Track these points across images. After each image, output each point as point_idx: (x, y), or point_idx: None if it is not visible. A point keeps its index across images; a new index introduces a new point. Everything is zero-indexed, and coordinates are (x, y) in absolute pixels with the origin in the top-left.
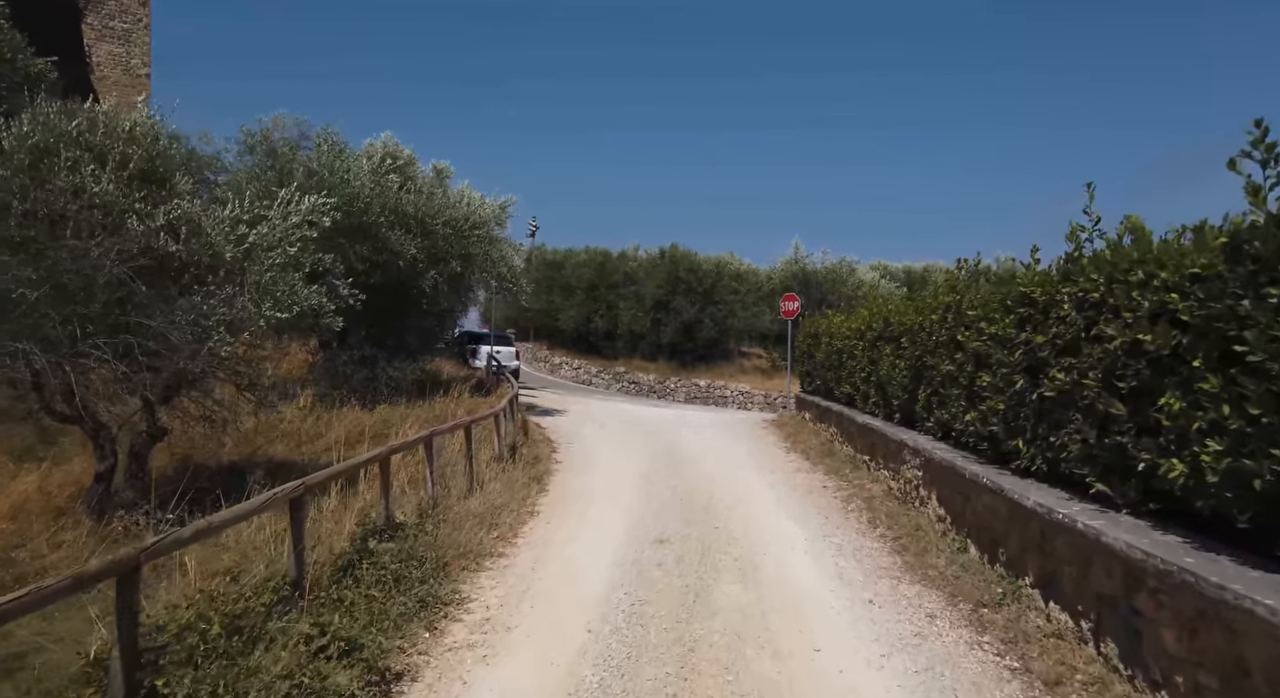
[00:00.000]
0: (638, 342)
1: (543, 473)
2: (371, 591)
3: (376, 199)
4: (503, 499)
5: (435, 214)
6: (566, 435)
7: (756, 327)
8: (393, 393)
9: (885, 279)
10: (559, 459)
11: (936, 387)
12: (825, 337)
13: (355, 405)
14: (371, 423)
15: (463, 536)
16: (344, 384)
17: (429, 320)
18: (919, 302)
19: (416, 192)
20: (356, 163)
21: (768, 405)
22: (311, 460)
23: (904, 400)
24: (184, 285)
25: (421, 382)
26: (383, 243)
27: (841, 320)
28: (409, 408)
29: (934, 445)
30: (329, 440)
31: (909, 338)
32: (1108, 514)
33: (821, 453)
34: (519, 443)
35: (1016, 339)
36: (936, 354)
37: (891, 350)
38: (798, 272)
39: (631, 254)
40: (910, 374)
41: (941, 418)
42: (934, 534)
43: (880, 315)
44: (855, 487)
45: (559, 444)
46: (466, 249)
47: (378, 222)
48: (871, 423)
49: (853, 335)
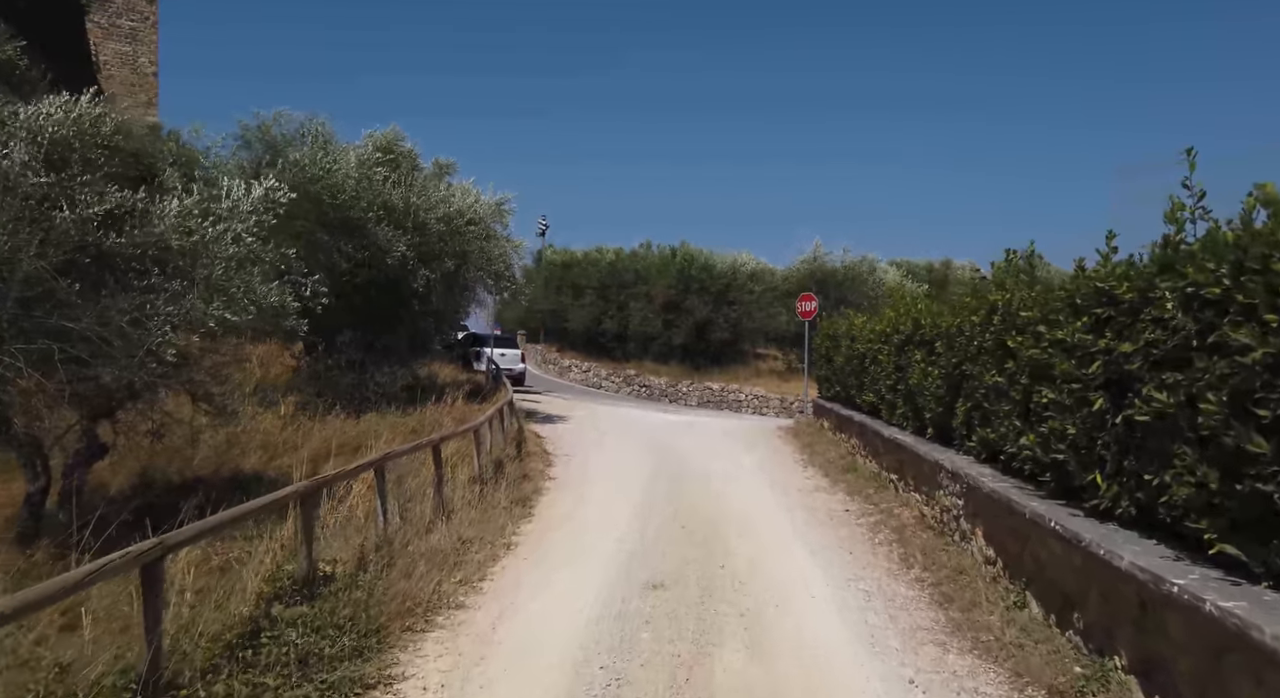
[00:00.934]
0: (649, 343)
1: (531, 493)
2: (265, 678)
3: (364, 193)
4: (475, 530)
5: (428, 209)
6: (566, 447)
7: (772, 328)
8: (382, 400)
9: (907, 277)
10: (553, 475)
11: (979, 400)
12: (845, 339)
13: (342, 413)
14: (355, 433)
15: (413, 583)
16: (329, 391)
17: (424, 322)
18: (955, 301)
19: (408, 186)
20: (343, 155)
21: (784, 410)
22: (283, 474)
23: (938, 414)
24: (126, 282)
25: (413, 388)
26: (370, 239)
27: (863, 322)
28: (398, 416)
29: (978, 470)
30: (306, 452)
31: (944, 343)
32: (1243, 587)
33: (842, 468)
34: (510, 457)
35: (1092, 347)
36: (979, 362)
37: (923, 357)
38: (815, 270)
39: (643, 253)
40: (945, 384)
41: (986, 438)
42: (981, 581)
43: (908, 317)
44: (882, 512)
45: (556, 457)
46: (462, 247)
47: (365, 217)
48: (900, 438)
49: (876, 339)
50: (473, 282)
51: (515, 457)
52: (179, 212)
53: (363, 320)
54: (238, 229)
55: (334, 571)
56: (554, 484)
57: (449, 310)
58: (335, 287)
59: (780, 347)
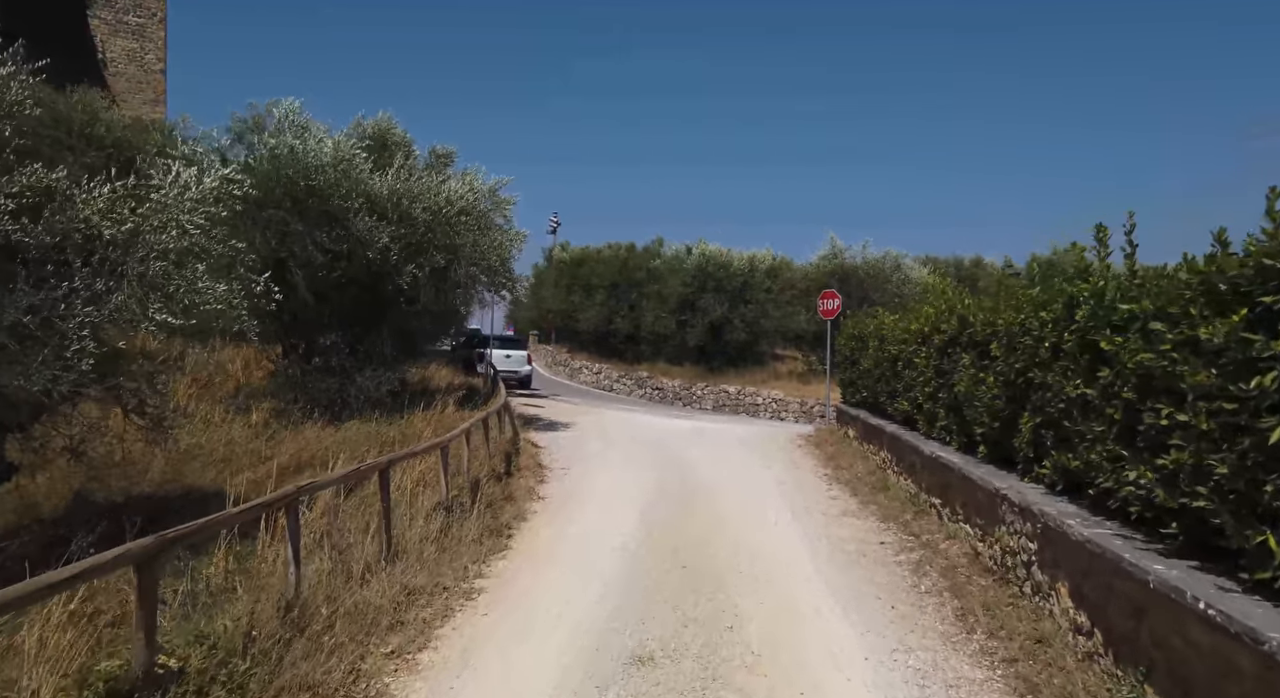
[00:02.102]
0: (662, 344)
1: (512, 519)
2: None
3: (344, 180)
4: (428, 575)
5: (413, 198)
6: (564, 459)
7: (791, 327)
8: (366, 406)
9: (934, 274)
10: (543, 494)
11: (1053, 417)
12: (873, 340)
13: (321, 421)
14: (329, 444)
15: (318, 664)
16: (305, 396)
17: (417, 323)
18: (1018, 294)
19: (394, 173)
20: (319, 141)
21: (804, 414)
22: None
23: (993, 430)
24: (40, 278)
25: (400, 393)
26: (349, 230)
27: (895, 320)
28: (381, 425)
29: (1057, 508)
30: (274, 465)
31: (1001, 344)
32: None
33: (873, 486)
34: (493, 475)
35: (1263, 351)
36: (1053, 369)
37: (972, 361)
38: (836, 268)
39: (656, 250)
40: (1004, 394)
41: (1065, 465)
42: (1072, 657)
43: (952, 314)
44: (925, 546)
45: (551, 471)
46: (452, 239)
47: (344, 206)
48: (943, 456)
49: (912, 339)
50: (466, 278)
51: (502, 474)
52: (109, 197)
53: (344, 320)
54: (181, 219)
55: (188, 663)
56: (542, 507)
57: (446, 310)
58: (313, 284)
59: (800, 347)
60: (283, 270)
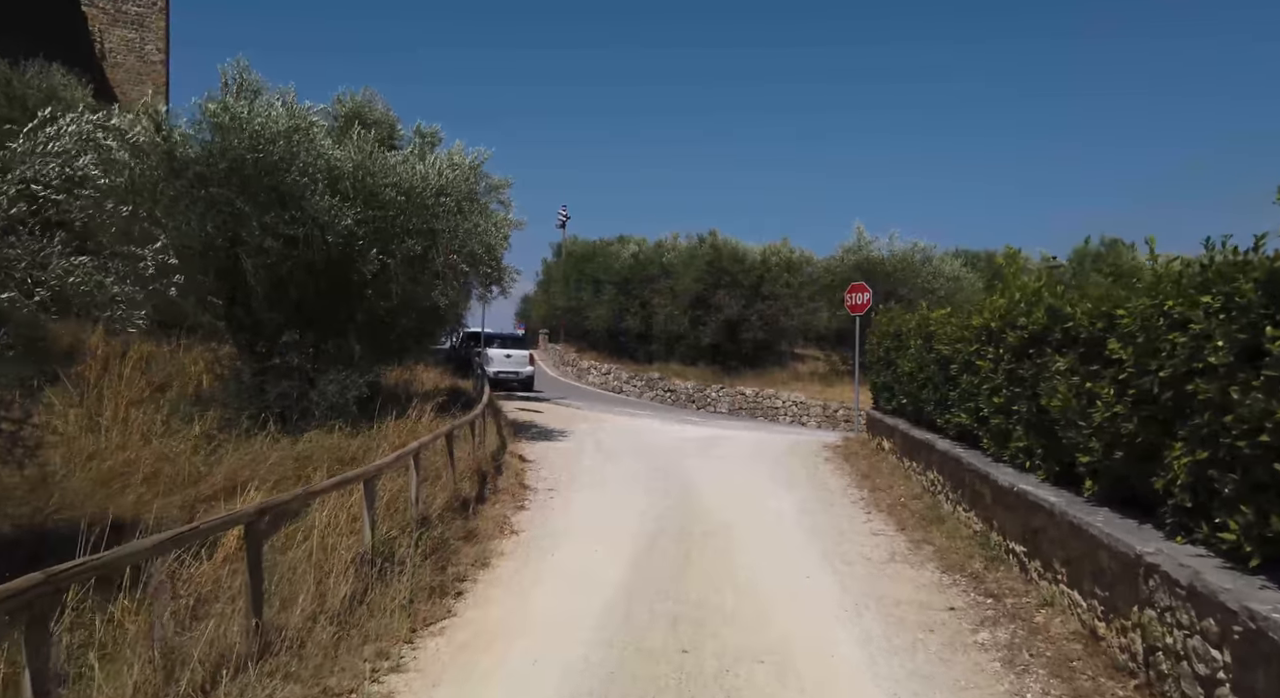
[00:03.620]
0: (674, 343)
1: (467, 571)
2: None
3: (301, 152)
4: (302, 687)
5: (382, 174)
6: (553, 477)
7: (812, 325)
8: (330, 415)
9: (966, 268)
10: (517, 529)
11: (1241, 452)
12: (914, 339)
13: (277, 432)
14: (277, 459)
15: None
16: (254, 404)
17: (404, 319)
18: (1143, 274)
19: (357, 145)
20: (270, 107)
21: (826, 419)
22: (165, 520)
23: (1113, 460)
24: None
25: (371, 399)
26: (307, 212)
27: (946, 315)
28: (345, 437)
29: (1262, 598)
30: (209, 486)
31: (1127, 343)
32: None
33: (922, 517)
34: (454, 506)
35: None
36: (1230, 380)
37: (1072, 364)
38: (861, 261)
39: (669, 244)
40: (1136, 413)
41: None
42: None
43: (1035, 303)
44: (1011, 615)
45: (534, 495)
46: (430, 223)
47: (299, 182)
48: (1031, 492)
49: (971, 337)
50: (446, 268)
51: (471, 500)
52: None
53: (305, 316)
54: (28, 175)
55: None
56: (512, 548)
57: (429, 306)
58: (265, 273)
59: (821, 347)
60: (233, 258)
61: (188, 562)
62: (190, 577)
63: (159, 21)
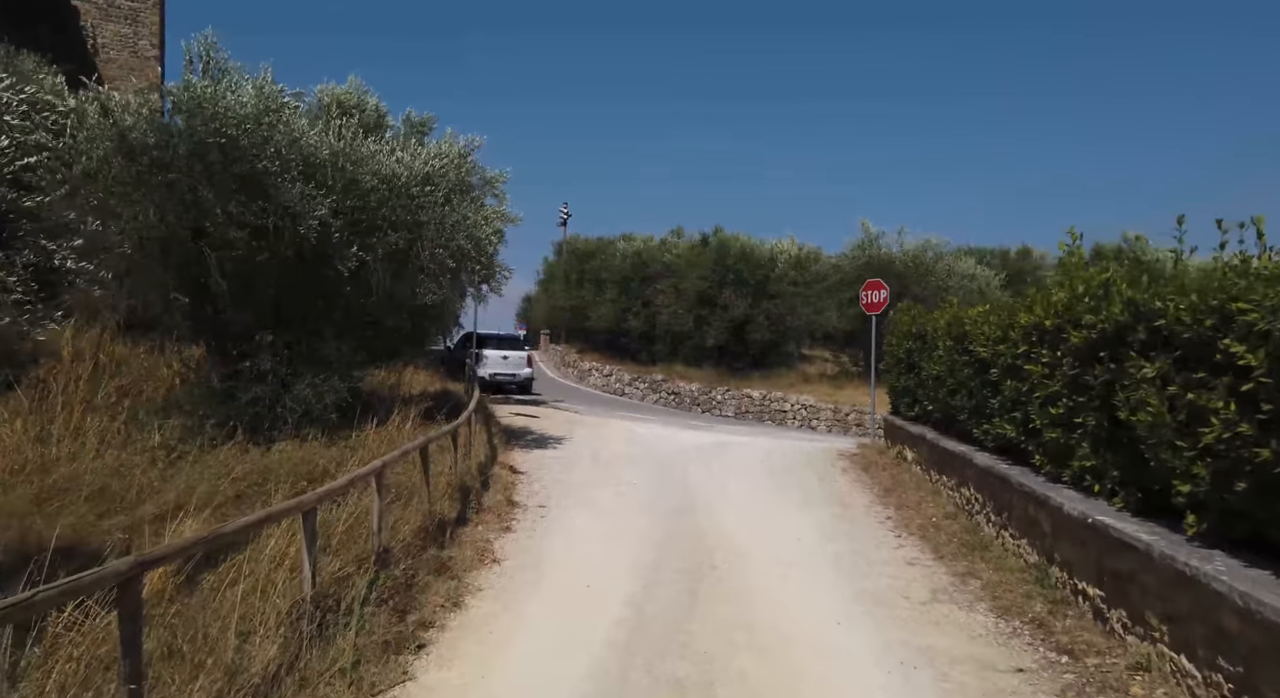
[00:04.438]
0: (679, 344)
1: (435, 614)
2: None
3: (273, 137)
4: None
5: (361, 161)
6: (544, 492)
7: (821, 325)
8: (305, 422)
9: (979, 266)
10: (499, 558)
11: None
12: (944, 339)
13: (246, 442)
14: (240, 473)
15: None
16: (219, 411)
17: (392, 319)
18: None
19: (336, 130)
20: (239, 88)
21: (837, 422)
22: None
23: (1229, 492)
24: None
25: (351, 405)
26: (278, 201)
27: (984, 313)
28: (319, 447)
29: None
30: (160, 504)
31: (1254, 345)
32: None
33: (961, 541)
34: (439, 523)
35: None
36: None
37: (1162, 372)
38: (871, 258)
39: (672, 241)
40: (1271, 436)
41: None
42: None
43: (1108, 298)
44: (1100, 684)
45: (523, 512)
46: (414, 214)
47: (269, 169)
48: (1116, 528)
49: (1019, 337)
50: (432, 263)
51: (450, 522)
52: None
53: (278, 315)
54: None
55: None
56: (492, 581)
57: (415, 304)
58: (232, 267)
59: (831, 347)
60: (196, 252)
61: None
62: (57, 645)
63: (152, 16)
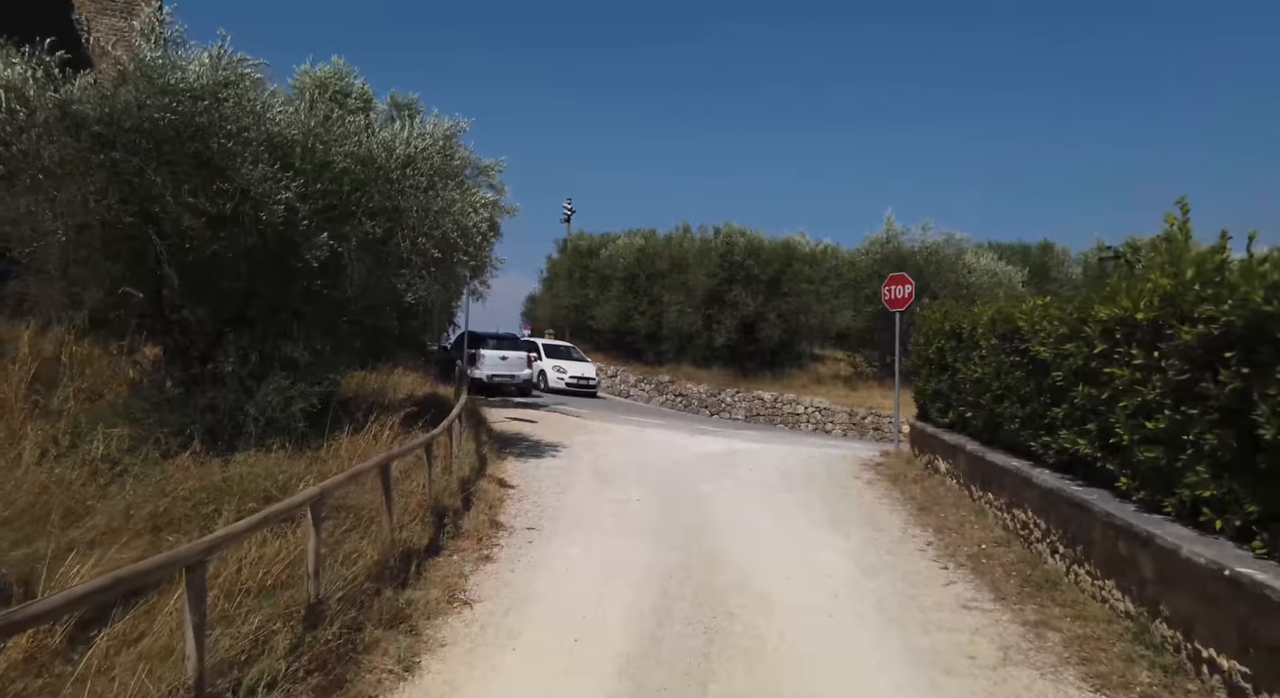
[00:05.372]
0: (686, 344)
1: (369, 695)
2: None
3: (232, 113)
4: None
5: (333, 141)
6: (534, 512)
7: (835, 323)
8: (271, 431)
9: (1002, 262)
10: (473, 598)
11: None
12: (988, 339)
13: (202, 453)
14: (189, 490)
15: None
16: (181, 418)
17: (377, 318)
18: None
19: (308, 108)
20: (195, 59)
21: (853, 426)
22: None
23: None
24: None
25: (323, 412)
26: (234, 183)
27: (1043, 307)
28: (286, 459)
29: None
30: (89, 529)
31: None
32: None
33: (1023, 578)
34: (406, 553)
35: None
36: None
37: None
38: (890, 253)
39: (679, 237)
40: None
41: None
42: None
43: (1245, 283)
44: None
45: (508, 537)
46: (394, 200)
47: (226, 148)
48: (1273, 587)
49: (1096, 334)
50: (413, 254)
51: (416, 555)
52: None
53: (240, 312)
54: None
55: None
56: (459, 634)
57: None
58: (186, 258)
59: (844, 347)
60: (145, 240)
61: None
62: None
63: (145, 9)
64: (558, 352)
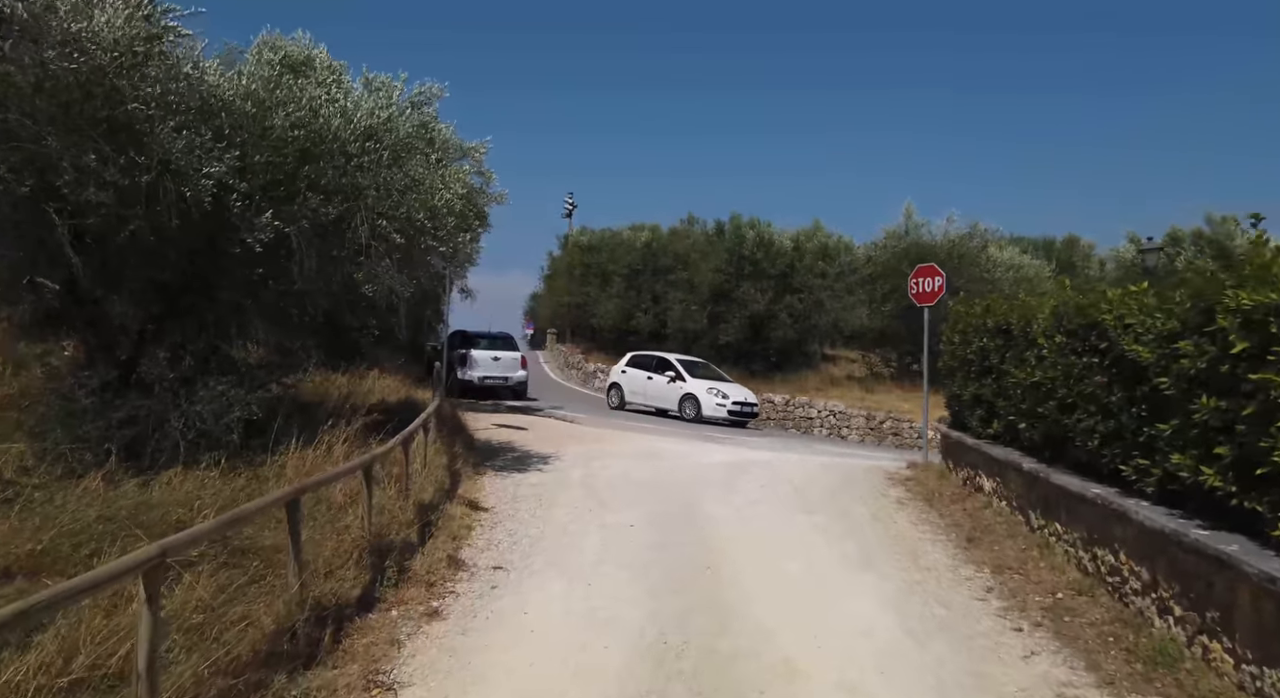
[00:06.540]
0: (691, 343)
1: None
2: None
3: (153, 72)
4: None
5: (276, 106)
6: (506, 544)
7: (849, 322)
8: (204, 444)
9: (1025, 256)
10: (396, 686)
11: None
12: (1047, 337)
13: (120, 470)
14: (76, 525)
15: None
16: (96, 430)
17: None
18: None
19: (250, 73)
20: (108, 9)
21: (871, 431)
22: None
23: None
24: None
25: (264, 423)
26: (150, 153)
27: (1137, 295)
28: (220, 477)
29: None
30: None
31: None
32: None
33: (1126, 649)
34: (319, 618)
35: None
36: None
37: None
38: (910, 247)
39: (684, 231)
40: None
41: None
42: None
43: None
44: None
45: (468, 582)
46: (353, 177)
47: (141, 112)
48: None
49: (1239, 328)
50: (373, 239)
51: (335, 614)
52: None
53: (167, 305)
54: None
55: None
56: None
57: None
58: (89, 239)
59: (859, 347)
60: (43, 218)
61: None
62: None
63: None
64: (701, 370)
